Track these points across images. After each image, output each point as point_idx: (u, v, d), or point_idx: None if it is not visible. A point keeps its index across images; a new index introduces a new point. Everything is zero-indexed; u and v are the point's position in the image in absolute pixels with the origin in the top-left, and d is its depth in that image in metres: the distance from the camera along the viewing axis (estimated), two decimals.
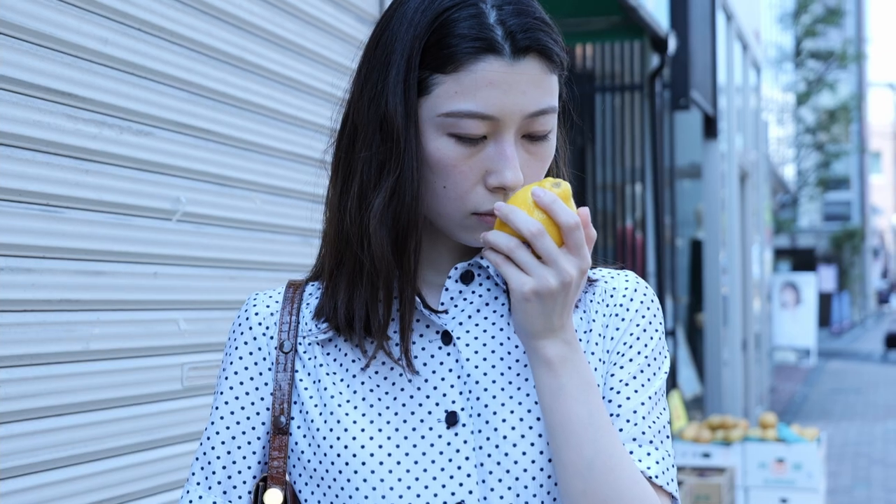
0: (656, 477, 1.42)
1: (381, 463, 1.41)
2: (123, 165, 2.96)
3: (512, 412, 1.42)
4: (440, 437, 1.42)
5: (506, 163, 1.38)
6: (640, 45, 8.71)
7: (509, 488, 1.40)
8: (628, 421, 1.44)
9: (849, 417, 15.01)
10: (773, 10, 27.10)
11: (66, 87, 2.76)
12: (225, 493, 1.49)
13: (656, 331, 1.51)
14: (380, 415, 1.44)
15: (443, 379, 1.45)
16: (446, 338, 1.46)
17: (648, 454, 1.43)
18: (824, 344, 27.73)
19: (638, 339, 1.49)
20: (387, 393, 1.45)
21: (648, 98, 8.67)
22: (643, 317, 1.50)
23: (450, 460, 1.42)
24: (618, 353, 1.48)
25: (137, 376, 3.04)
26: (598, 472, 1.35)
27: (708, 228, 10.81)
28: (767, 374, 15.68)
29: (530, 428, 1.42)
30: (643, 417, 1.44)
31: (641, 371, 1.47)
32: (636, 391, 1.45)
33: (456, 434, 1.42)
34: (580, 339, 1.47)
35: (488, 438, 1.42)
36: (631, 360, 1.47)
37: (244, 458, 1.50)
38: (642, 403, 1.45)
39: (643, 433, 1.44)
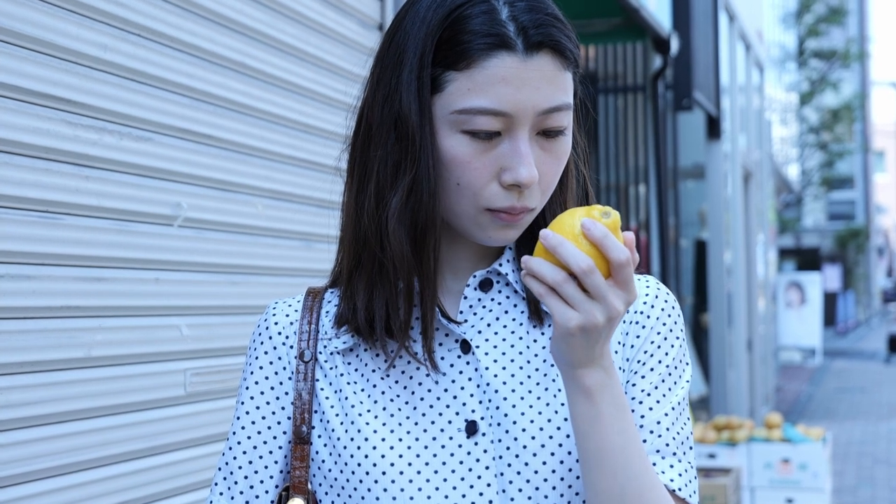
0: (679, 490, 1.41)
1: (401, 472, 1.40)
2: (124, 171, 2.95)
3: (532, 421, 1.41)
4: (460, 446, 1.42)
5: (520, 160, 1.37)
6: (642, 47, 8.71)
7: (529, 498, 1.40)
8: (651, 432, 1.42)
9: (853, 417, 15.00)
10: (776, 9, 27.09)
11: (66, 94, 2.75)
12: (248, 502, 1.49)
13: (677, 338, 1.49)
14: (400, 424, 1.43)
15: (462, 388, 1.44)
16: (465, 346, 1.46)
17: (671, 466, 1.42)
18: (829, 343, 27.71)
19: (659, 347, 1.47)
20: (407, 402, 1.44)
21: (651, 99, 8.67)
22: (664, 324, 1.48)
23: (470, 470, 1.41)
24: (638, 361, 1.46)
25: (140, 382, 3.03)
26: (629, 499, 1.34)
27: (712, 229, 10.81)
28: (773, 374, 15.67)
29: (550, 437, 1.41)
30: (667, 429, 1.43)
31: (663, 381, 1.45)
32: (658, 401, 1.44)
33: (476, 443, 1.42)
34: None
35: (508, 448, 1.41)
36: (652, 369, 1.45)
37: (266, 467, 1.49)
38: (665, 414, 1.44)
39: (667, 445, 1.42)
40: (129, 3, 2.98)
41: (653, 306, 1.49)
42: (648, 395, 1.44)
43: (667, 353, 1.47)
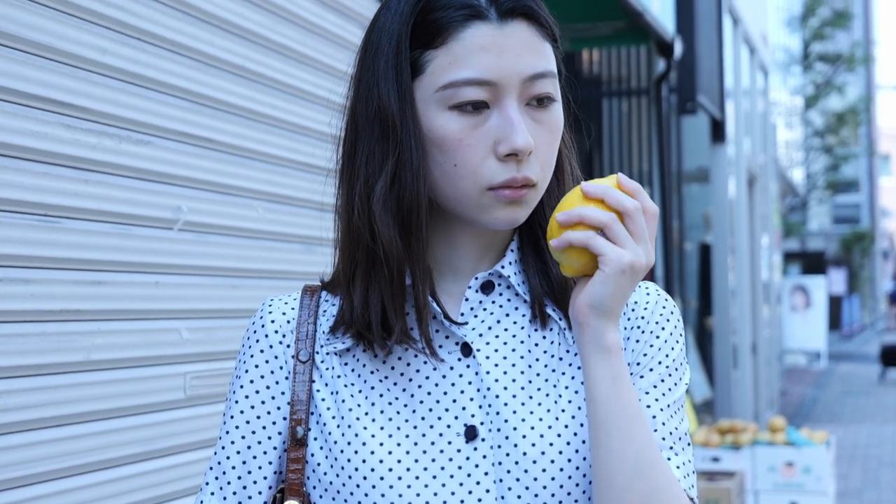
0: (678, 482, 1.40)
1: (399, 478, 1.39)
2: (123, 175, 2.95)
3: (532, 428, 1.40)
4: (459, 451, 1.40)
5: (512, 127, 1.36)
6: (646, 50, 8.70)
7: None
8: None
9: (859, 420, 14.99)
10: (781, 13, 27.04)
11: (65, 97, 2.75)
12: (240, 503, 1.47)
13: (677, 342, 1.49)
14: (398, 428, 1.41)
15: (462, 392, 1.42)
16: (466, 349, 1.44)
17: (669, 459, 1.42)
18: (834, 347, 27.70)
19: (659, 349, 1.47)
20: (405, 405, 1.43)
21: (655, 103, 8.66)
22: (663, 328, 1.48)
23: (468, 475, 1.39)
24: (637, 363, 1.46)
25: (139, 386, 3.03)
26: (644, 465, 1.33)
27: (716, 232, 10.80)
28: (777, 378, 15.65)
29: (551, 445, 1.40)
30: (663, 423, 1.43)
31: (662, 381, 1.45)
32: (656, 399, 1.44)
33: (475, 449, 1.40)
34: None
35: (508, 454, 1.40)
36: (651, 369, 1.45)
37: (259, 467, 1.47)
38: (662, 410, 1.44)
39: (664, 439, 1.42)
40: (128, 7, 2.98)
41: (653, 312, 1.49)
42: (647, 392, 1.44)
43: (667, 355, 1.47)
